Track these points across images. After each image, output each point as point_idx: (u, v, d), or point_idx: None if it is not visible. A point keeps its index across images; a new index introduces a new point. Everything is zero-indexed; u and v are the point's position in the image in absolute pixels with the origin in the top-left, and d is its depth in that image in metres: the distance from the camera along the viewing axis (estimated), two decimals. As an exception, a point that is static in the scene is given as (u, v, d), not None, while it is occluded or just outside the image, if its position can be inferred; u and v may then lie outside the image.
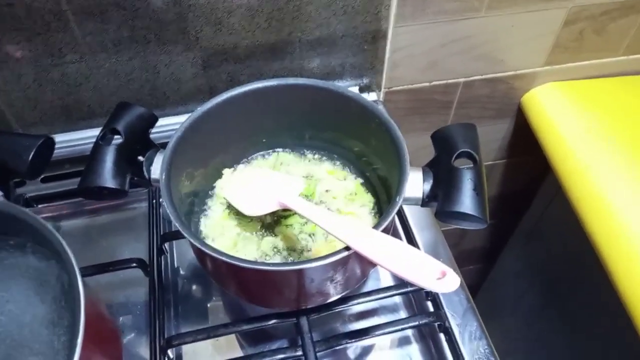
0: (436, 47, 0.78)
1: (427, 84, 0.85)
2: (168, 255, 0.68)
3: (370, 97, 0.80)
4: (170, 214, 0.48)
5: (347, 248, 0.46)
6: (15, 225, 0.46)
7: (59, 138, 0.71)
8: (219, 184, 0.65)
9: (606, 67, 0.90)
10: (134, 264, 0.61)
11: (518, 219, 1.16)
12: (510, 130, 1.00)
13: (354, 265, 0.50)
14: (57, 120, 0.70)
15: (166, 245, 0.67)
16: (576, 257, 0.97)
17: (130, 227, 0.72)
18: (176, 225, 0.48)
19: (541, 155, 0.89)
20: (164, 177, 0.51)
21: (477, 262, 1.37)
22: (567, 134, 0.85)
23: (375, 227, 0.47)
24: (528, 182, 1.11)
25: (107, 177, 0.50)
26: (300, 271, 0.46)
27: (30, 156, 0.49)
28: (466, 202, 0.48)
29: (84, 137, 0.71)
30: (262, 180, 0.61)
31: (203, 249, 0.46)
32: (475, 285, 1.42)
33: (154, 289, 0.60)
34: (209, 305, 0.65)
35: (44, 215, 0.71)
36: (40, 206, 0.70)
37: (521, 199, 1.13)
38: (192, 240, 0.47)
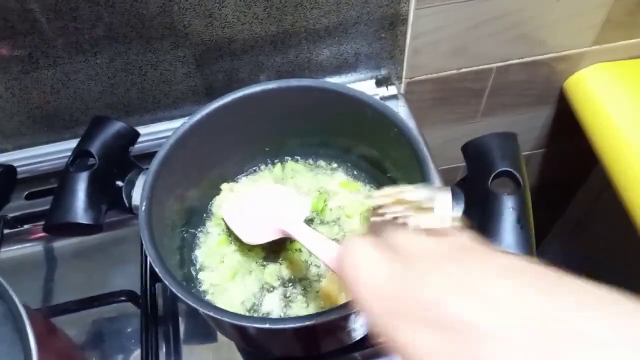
0: (465, 30, 0.67)
1: (455, 71, 0.74)
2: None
3: (389, 90, 0.70)
4: (149, 255, 0.41)
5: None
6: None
7: (42, 150, 0.64)
8: (216, 202, 0.57)
9: (665, 44, 0.78)
10: (123, 297, 0.54)
11: (559, 212, 1.05)
12: (550, 118, 0.88)
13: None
14: (38, 131, 0.63)
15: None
16: (625, 255, 0.86)
17: (127, 247, 0.65)
18: (155, 269, 0.40)
19: (586, 144, 0.78)
20: (144, 207, 0.44)
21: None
22: (618, 120, 0.74)
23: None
24: (570, 173, 0.99)
25: (78, 212, 0.43)
26: (305, 327, 0.38)
27: (-14, 191, 0.42)
28: (507, 238, 0.39)
29: (70, 149, 0.64)
30: (263, 201, 0.53)
31: (187, 301, 0.39)
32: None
33: (146, 326, 0.53)
34: (213, 335, 0.58)
35: (32, 236, 0.65)
36: (26, 226, 0.64)
37: (562, 190, 1.02)
38: (174, 290, 0.39)
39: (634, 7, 0.70)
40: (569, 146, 0.95)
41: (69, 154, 0.64)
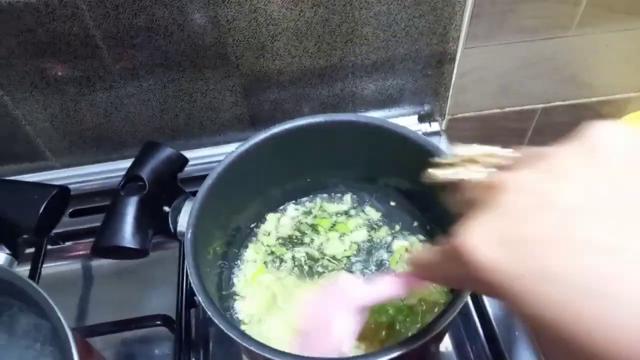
0: (512, 70, 0.67)
1: (498, 110, 0.73)
2: (200, 307, 0.61)
3: (432, 126, 0.69)
4: (193, 284, 0.41)
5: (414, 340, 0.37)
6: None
7: (89, 170, 0.66)
8: (262, 229, 0.57)
9: None
10: (159, 322, 0.54)
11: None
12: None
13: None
14: (87, 151, 0.65)
15: (198, 295, 0.60)
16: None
17: (163, 269, 0.66)
18: (199, 298, 0.40)
19: None
20: (190, 234, 0.44)
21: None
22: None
23: (443, 315, 0.38)
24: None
25: (126, 236, 0.44)
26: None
27: (41, 211, 0.43)
28: None
29: (116, 169, 0.66)
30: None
31: (231, 334, 0.38)
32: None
33: (179, 351, 0.53)
34: (241, 363, 0.58)
35: (73, 253, 0.66)
36: (68, 243, 0.65)
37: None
38: (218, 322, 0.39)
39: (686, 54, 0.69)
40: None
41: (115, 174, 0.66)
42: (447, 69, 0.63)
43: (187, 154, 0.60)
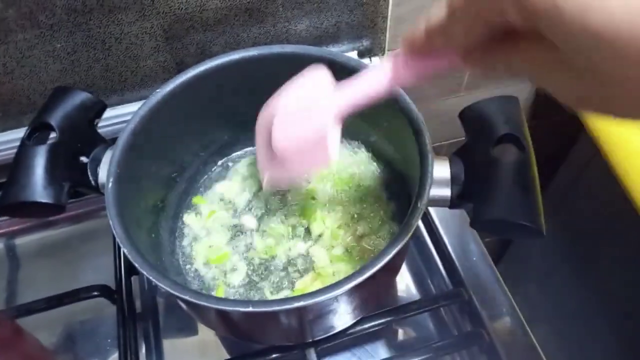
0: (449, -4, 0.64)
1: (438, 42, 0.71)
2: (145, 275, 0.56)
3: (372, 62, 0.66)
4: (116, 235, 0.36)
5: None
6: None
7: (-3, 139, 0.58)
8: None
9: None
10: (96, 293, 0.49)
11: (545, 184, 1.04)
12: (534, 92, 0.87)
13: (364, 291, 0.38)
14: (-8, 117, 0.57)
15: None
16: (617, 225, 0.85)
17: (97, 240, 0.60)
18: (123, 249, 0.36)
19: (572, 115, 0.76)
20: (111, 183, 0.39)
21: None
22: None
23: (393, 243, 0.35)
24: (557, 145, 0.98)
25: (36, 189, 0.38)
26: (300, 308, 0.34)
27: None
28: (512, 206, 0.36)
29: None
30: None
31: (161, 284, 0.34)
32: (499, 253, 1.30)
33: (123, 323, 0.48)
34: (197, 331, 0.54)
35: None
36: (-17, 223, 0.58)
37: (549, 164, 1.01)
38: (140, 269, 0.35)
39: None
40: (555, 119, 0.94)
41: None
42: (382, -4, 0.60)
43: (109, 112, 0.54)
